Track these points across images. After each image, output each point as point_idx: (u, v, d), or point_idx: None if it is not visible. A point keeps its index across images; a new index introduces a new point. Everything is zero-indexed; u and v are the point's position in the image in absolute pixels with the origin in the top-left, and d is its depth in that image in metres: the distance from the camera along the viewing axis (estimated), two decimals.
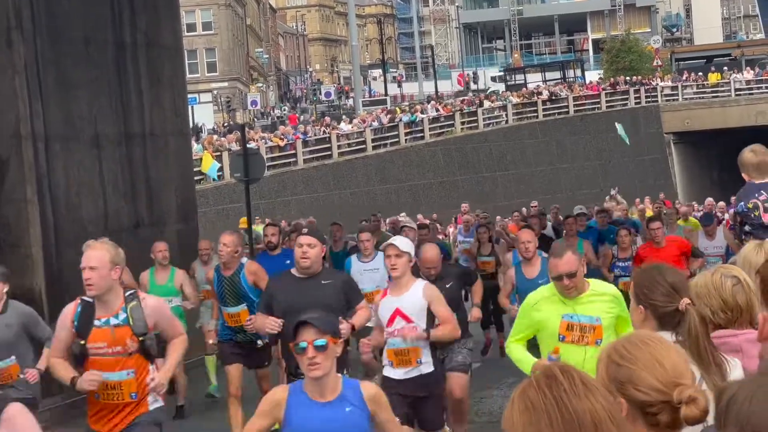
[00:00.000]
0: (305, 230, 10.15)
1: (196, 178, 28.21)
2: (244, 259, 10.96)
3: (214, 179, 36.77)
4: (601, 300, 7.03)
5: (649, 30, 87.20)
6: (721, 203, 24.91)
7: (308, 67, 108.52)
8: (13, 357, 8.65)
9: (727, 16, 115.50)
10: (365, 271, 12.20)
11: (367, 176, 44.34)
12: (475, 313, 10.94)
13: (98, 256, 6.81)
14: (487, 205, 38.60)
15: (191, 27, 71.48)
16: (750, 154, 7.14)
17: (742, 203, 7.30)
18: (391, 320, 8.21)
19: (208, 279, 11.57)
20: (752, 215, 7.13)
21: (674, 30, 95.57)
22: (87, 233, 14.12)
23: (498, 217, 28.77)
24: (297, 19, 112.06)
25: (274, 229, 13.53)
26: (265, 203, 36.97)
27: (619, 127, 49.47)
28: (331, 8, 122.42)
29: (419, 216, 32.97)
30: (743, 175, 7.14)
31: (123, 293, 6.96)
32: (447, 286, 9.54)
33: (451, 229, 30.52)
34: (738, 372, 3.73)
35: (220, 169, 36.34)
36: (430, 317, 8.25)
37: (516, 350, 7.40)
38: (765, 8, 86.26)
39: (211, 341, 12.66)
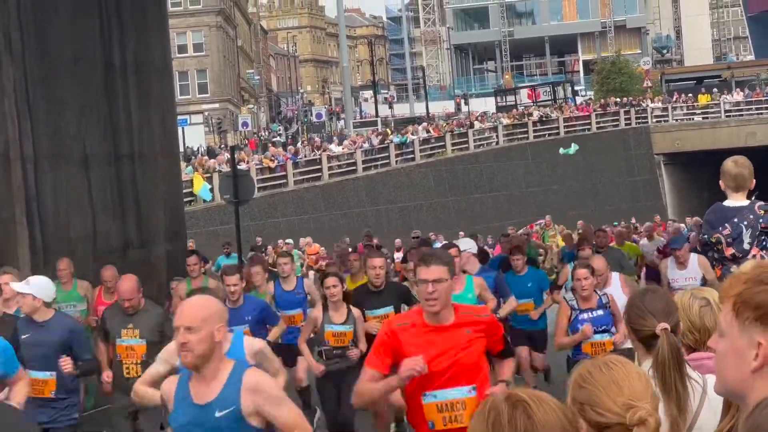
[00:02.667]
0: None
1: (186, 199, 28.17)
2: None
3: (205, 200, 36.73)
4: None
5: (640, 51, 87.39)
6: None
7: (299, 88, 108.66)
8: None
9: (717, 38, 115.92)
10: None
11: (358, 197, 44.31)
12: None
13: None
14: (477, 227, 38.62)
15: (182, 48, 71.53)
16: (731, 163, 7.22)
17: (706, 236, 7.34)
18: None
19: None
20: (716, 248, 7.18)
21: (664, 51, 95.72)
22: (76, 253, 14.11)
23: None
24: (288, 41, 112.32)
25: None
26: (255, 225, 36.91)
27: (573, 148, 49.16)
28: (322, 30, 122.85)
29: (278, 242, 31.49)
30: (720, 182, 7.22)
31: None
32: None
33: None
34: (707, 396, 3.71)
35: (211, 189, 36.29)
36: None
37: None
38: (755, 30, 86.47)
39: None
